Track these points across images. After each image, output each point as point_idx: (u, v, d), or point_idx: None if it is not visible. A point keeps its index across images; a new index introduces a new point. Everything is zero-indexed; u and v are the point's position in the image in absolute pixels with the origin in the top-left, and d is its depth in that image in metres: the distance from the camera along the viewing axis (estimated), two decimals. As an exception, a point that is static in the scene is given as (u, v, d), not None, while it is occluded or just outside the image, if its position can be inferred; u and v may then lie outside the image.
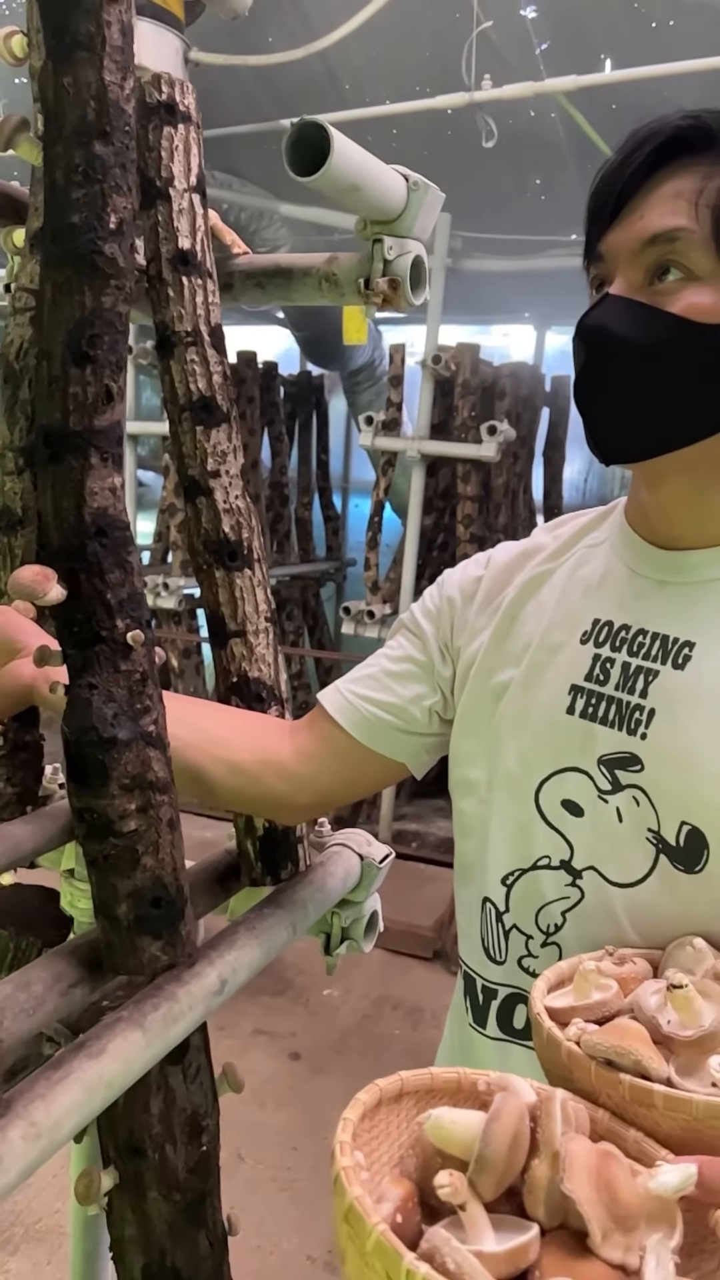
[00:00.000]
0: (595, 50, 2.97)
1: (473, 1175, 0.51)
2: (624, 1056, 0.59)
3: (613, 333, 0.70)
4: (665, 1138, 0.57)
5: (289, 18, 3.08)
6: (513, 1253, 0.49)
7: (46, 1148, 0.62)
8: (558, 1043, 0.62)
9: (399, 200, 0.91)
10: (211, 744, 0.87)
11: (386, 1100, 0.58)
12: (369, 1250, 0.46)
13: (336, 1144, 0.52)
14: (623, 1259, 0.49)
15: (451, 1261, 0.45)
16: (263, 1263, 1.80)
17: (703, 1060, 0.60)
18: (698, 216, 0.67)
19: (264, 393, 4.65)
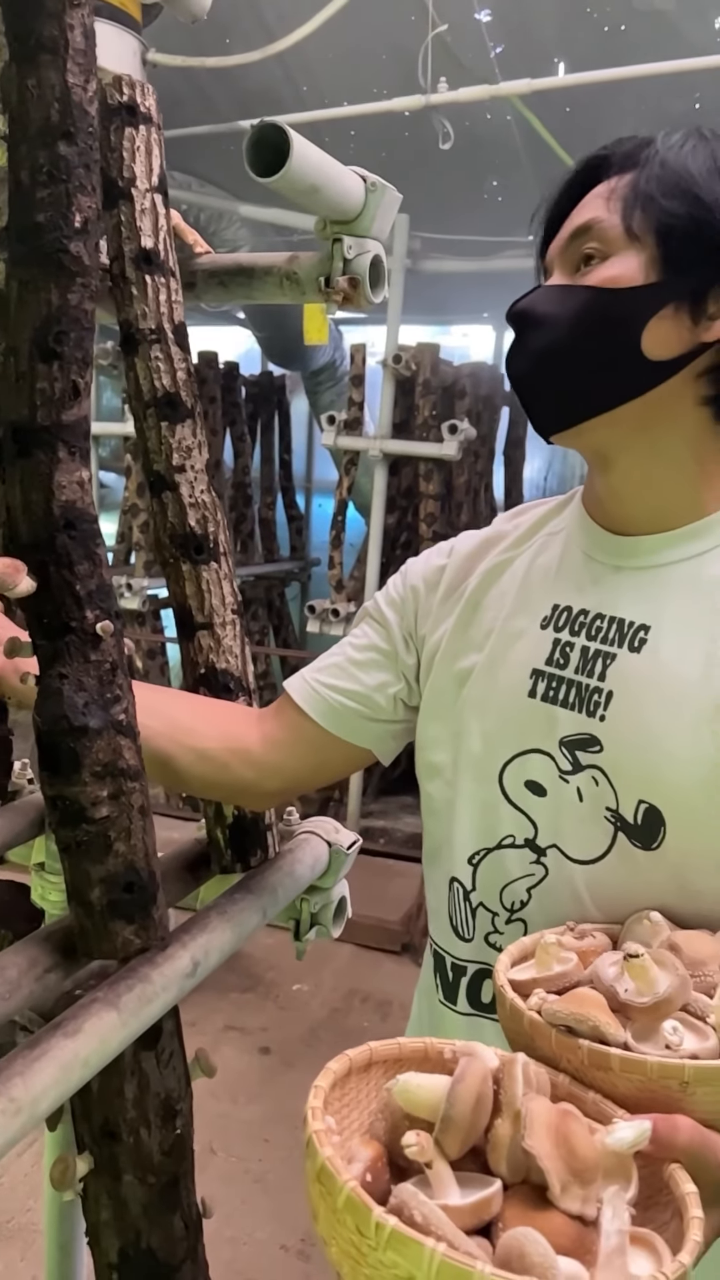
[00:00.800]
0: (548, 54, 3.02)
1: (438, 1135, 0.53)
2: (582, 1023, 0.61)
3: (537, 311, 0.77)
4: (622, 1099, 0.59)
5: (246, 20, 3.09)
6: (477, 1205, 0.51)
7: (26, 1123, 0.64)
8: (520, 1012, 0.64)
9: (357, 201, 0.93)
10: (180, 732, 0.89)
11: (356, 1069, 0.61)
12: (340, 1206, 0.48)
13: (308, 1109, 0.54)
14: (581, 1210, 0.52)
15: (419, 1214, 0.48)
16: (236, 1253, 1.82)
17: (657, 1025, 0.63)
18: (609, 208, 0.75)
19: (225, 393, 4.65)
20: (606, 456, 0.79)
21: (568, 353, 0.76)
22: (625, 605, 0.78)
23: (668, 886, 0.74)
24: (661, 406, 0.75)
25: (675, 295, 0.73)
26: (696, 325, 0.73)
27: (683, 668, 0.74)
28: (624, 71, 2.57)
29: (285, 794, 0.96)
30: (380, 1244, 0.46)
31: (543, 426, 0.79)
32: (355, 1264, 0.48)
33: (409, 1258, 0.45)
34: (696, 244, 0.72)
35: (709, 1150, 0.55)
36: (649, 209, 0.73)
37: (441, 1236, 0.46)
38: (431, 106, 2.72)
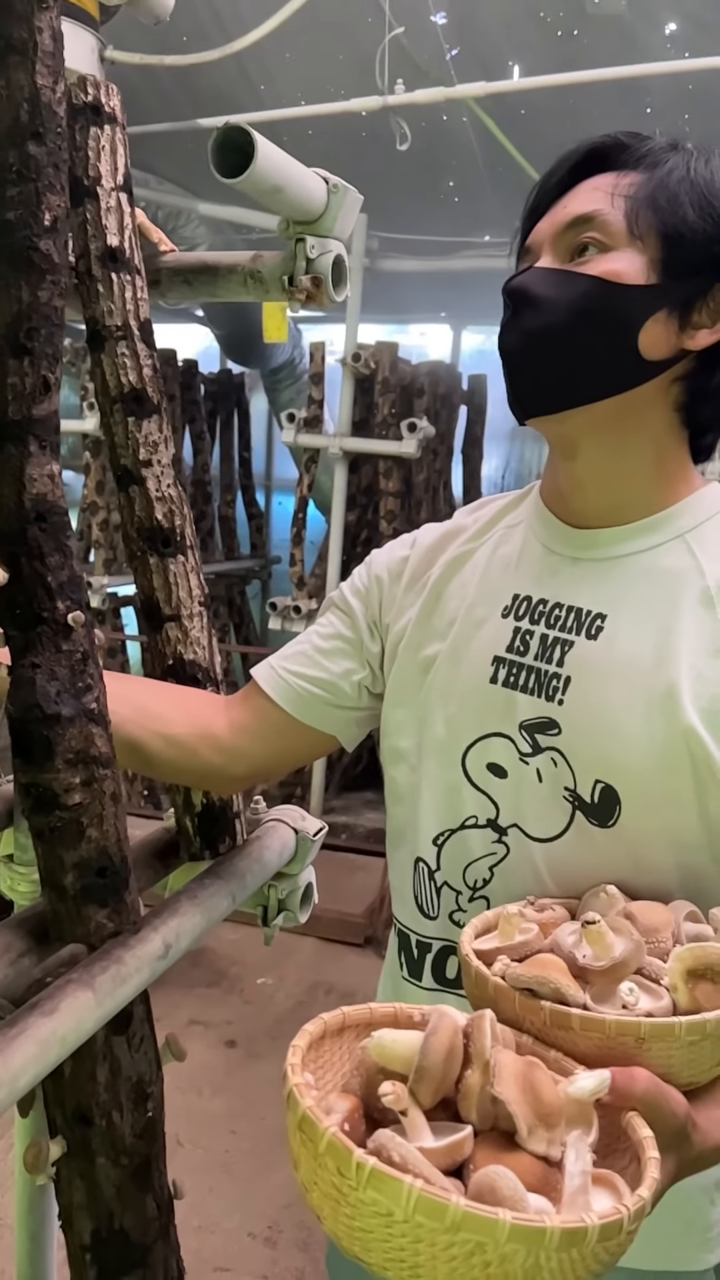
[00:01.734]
0: (503, 57, 3.06)
1: (413, 1085, 0.57)
2: (544, 985, 0.65)
3: (535, 292, 0.78)
4: (582, 1056, 0.63)
5: (204, 19, 3.10)
6: (450, 1147, 0.54)
7: (5, 1098, 0.65)
8: (485, 978, 0.67)
9: (319, 202, 0.95)
10: (149, 718, 0.90)
11: (330, 1033, 0.64)
12: (322, 1151, 0.51)
13: (287, 1066, 0.57)
14: (546, 1151, 0.55)
15: (397, 1154, 0.51)
16: (204, 1242, 1.83)
17: (614, 987, 0.66)
18: (613, 203, 0.77)
19: (184, 390, 4.64)
20: (575, 445, 0.81)
21: (564, 339, 0.77)
22: (583, 595, 0.81)
23: (623, 862, 0.77)
24: (639, 405, 0.78)
25: (669, 300, 0.76)
26: (682, 332, 0.76)
27: (637, 654, 0.77)
28: (578, 76, 2.62)
29: (252, 779, 0.98)
30: (361, 1183, 0.48)
31: (524, 407, 0.81)
32: (336, 1205, 0.51)
33: (388, 1194, 0.48)
34: (697, 255, 0.75)
35: (664, 1099, 0.59)
36: (662, 212, 0.75)
37: (419, 1174, 0.49)
38: (389, 108, 2.75)
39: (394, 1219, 0.48)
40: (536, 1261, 0.47)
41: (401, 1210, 0.47)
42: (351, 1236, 0.51)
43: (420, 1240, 0.48)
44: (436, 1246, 0.47)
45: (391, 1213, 0.48)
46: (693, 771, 0.75)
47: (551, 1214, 0.51)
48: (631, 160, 0.78)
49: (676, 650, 0.76)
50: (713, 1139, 0.62)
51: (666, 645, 0.76)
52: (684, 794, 0.75)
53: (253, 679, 0.94)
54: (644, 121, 3.49)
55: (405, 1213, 0.47)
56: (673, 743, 0.75)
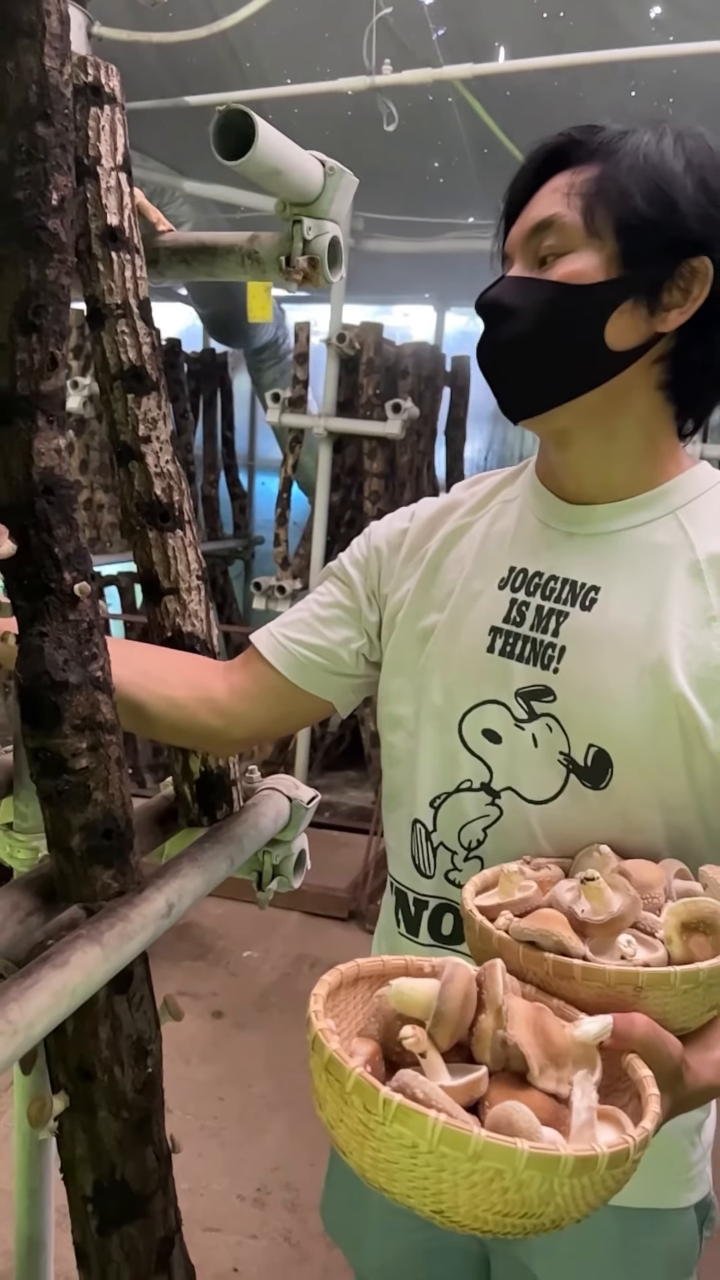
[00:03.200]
0: (490, 38, 3.07)
1: (431, 1029, 0.61)
2: (547, 938, 0.68)
3: (505, 303, 0.81)
4: (583, 1004, 0.67)
5: (189, -6, 3.08)
6: (468, 1085, 0.59)
7: (21, 1044, 0.68)
8: (489, 932, 0.71)
9: (316, 184, 0.97)
10: (150, 681, 0.93)
11: (346, 983, 0.68)
12: (349, 1090, 0.54)
13: (311, 1013, 0.61)
14: (556, 1089, 0.60)
15: (420, 1091, 0.55)
16: (194, 1204, 1.88)
17: (612, 940, 0.70)
18: (569, 204, 0.79)
19: (167, 369, 4.60)
20: (565, 437, 0.85)
21: (534, 345, 0.81)
22: (578, 568, 0.85)
23: (614, 822, 0.81)
24: (621, 392, 0.81)
25: (634, 290, 0.78)
26: (653, 316, 0.79)
27: (629, 625, 0.81)
28: (564, 59, 2.63)
29: (250, 741, 1.01)
30: (387, 1118, 0.52)
31: (511, 412, 0.85)
32: (362, 1140, 0.55)
33: (413, 1128, 0.52)
34: (655, 242, 0.77)
35: (661, 1043, 0.63)
36: (614, 206, 0.77)
37: (442, 1108, 0.53)
38: (376, 88, 2.75)
39: (419, 1150, 0.52)
40: (550, 1187, 0.52)
41: (426, 1142, 0.51)
42: (377, 1169, 0.55)
43: (443, 1170, 0.52)
44: (459, 1175, 0.52)
45: (416, 1145, 0.52)
46: (681, 736, 0.78)
47: (564, 1144, 0.55)
48: (587, 154, 0.80)
49: (667, 620, 0.79)
50: (704, 1079, 0.66)
51: (657, 616, 0.80)
52: (673, 757, 0.79)
53: (252, 645, 0.97)
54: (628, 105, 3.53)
55: (430, 1144, 0.51)
56: (663, 708, 0.78)
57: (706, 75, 2.83)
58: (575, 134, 0.81)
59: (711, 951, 0.69)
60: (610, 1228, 0.86)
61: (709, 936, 0.69)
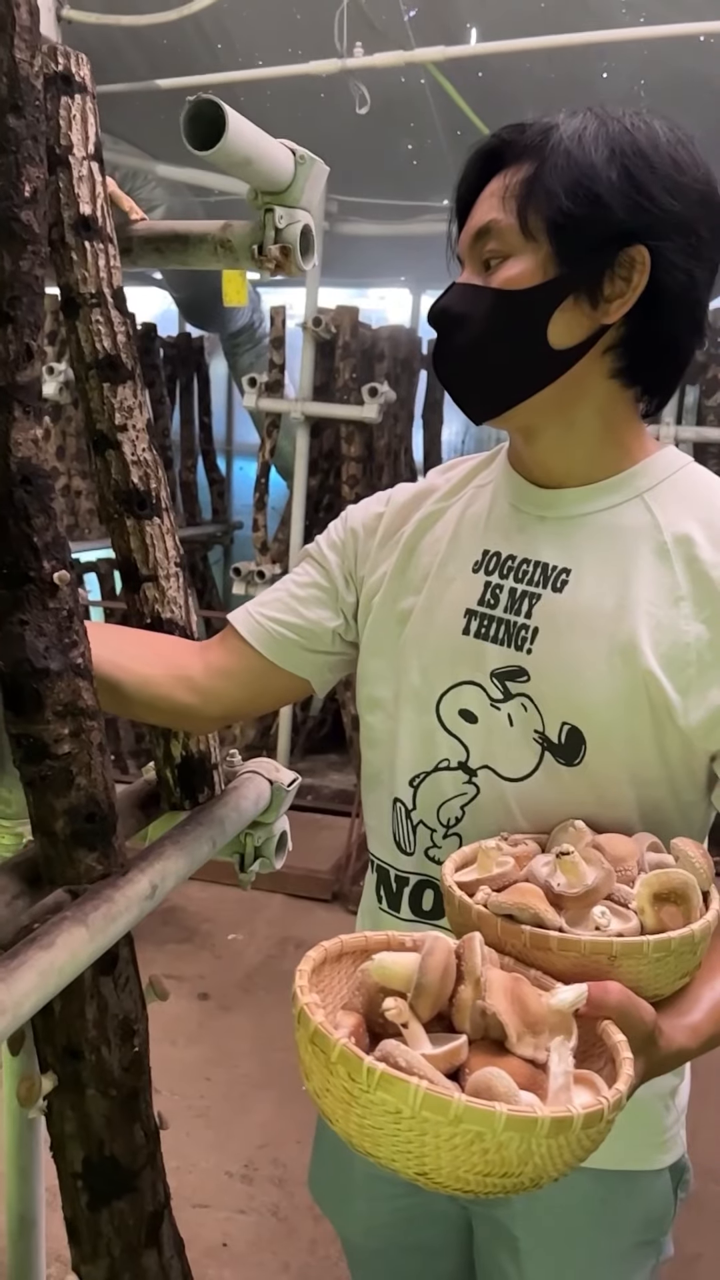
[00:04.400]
0: (461, 20, 3.06)
1: (413, 1000, 0.63)
2: (524, 911, 0.71)
3: (453, 313, 0.83)
4: (560, 974, 0.69)
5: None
6: (449, 1053, 0.61)
7: (9, 1024, 0.70)
8: (468, 906, 0.73)
9: (287, 173, 0.98)
10: (126, 659, 0.95)
11: (330, 958, 0.70)
12: (334, 1060, 0.57)
13: (296, 988, 0.63)
14: (533, 1055, 0.62)
15: (402, 1060, 0.57)
16: (182, 1180, 1.91)
17: (587, 912, 0.72)
18: (504, 208, 0.80)
19: (143, 355, 4.59)
20: (527, 432, 0.87)
21: (482, 352, 0.83)
22: (549, 551, 0.86)
23: (588, 798, 0.83)
24: (575, 385, 0.83)
25: (573, 286, 0.79)
26: (596, 309, 0.80)
27: (600, 605, 0.83)
28: (535, 42, 2.63)
29: (226, 719, 1.03)
30: (371, 1086, 0.55)
31: (472, 415, 0.87)
32: (347, 1107, 0.57)
33: (396, 1094, 0.54)
34: (586, 238, 0.78)
35: (634, 1009, 0.65)
36: (543, 207, 0.78)
37: (423, 1075, 0.56)
38: (347, 71, 2.74)
39: (402, 1116, 0.54)
40: (529, 1147, 0.54)
41: (409, 1108, 0.54)
42: (363, 1134, 0.57)
43: (426, 1133, 0.54)
44: (440, 1138, 0.54)
45: (399, 1110, 0.54)
46: (651, 713, 0.81)
47: (541, 1107, 0.57)
48: (519, 153, 0.80)
49: (636, 601, 0.81)
50: (676, 1043, 0.69)
51: (626, 596, 0.82)
52: (644, 734, 0.81)
53: (229, 623, 0.98)
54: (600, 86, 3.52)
55: (412, 1109, 0.54)
56: (633, 687, 0.80)
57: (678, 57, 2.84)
58: (505, 134, 0.82)
59: (683, 921, 0.71)
60: (587, 1190, 0.89)
61: (680, 906, 0.72)
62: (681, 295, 0.79)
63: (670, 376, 0.85)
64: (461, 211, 0.85)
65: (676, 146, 0.78)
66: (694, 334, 0.83)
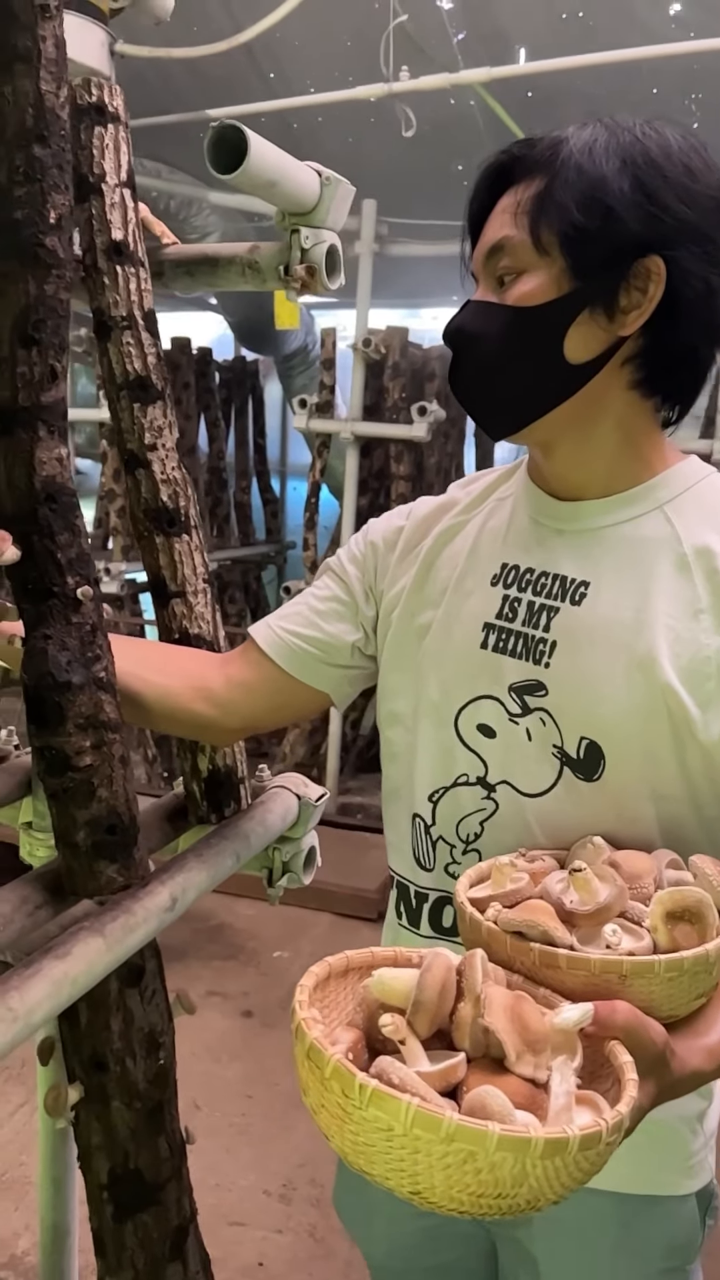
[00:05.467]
0: (509, 40, 3.08)
1: (410, 1017, 0.63)
2: (533, 928, 0.70)
3: (467, 331, 0.84)
4: (569, 993, 0.68)
5: (213, 9, 3.13)
6: (445, 1071, 0.60)
7: (21, 1031, 0.71)
8: (479, 923, 0.72)
9: (313, 194, 1.00)
10: (147, 670, 0.96)
11: (335, 974, 0.70)
12: (328, 1076, 0.56)
13: (295, 1002, 0.63)
14: (533, 1074, 0.61)
15: (396, 1077, 0.57)
16: (221, 1198, 1.91)
17: (599, 930, 0.71)
18: (517, 224, 0.80)
19: (199, 378, 4.69)
20: (545, 446, 0.87)
21: (498, 370, 0.83)
22: (568, 563, 0.86)
23: (607, 814, 0.82)
24: (594, 399, 0.82)
25: (588, 300, 0.79)
26: (612, 322, 0.79)
27: (618, 619, 0.82)
28: (581, 60, 2.64)
29: (245, 731, 1.03)
30: (364, 1103, 0.54)
31: (490, 433, 0.87)
32: (342, 1123, 0.57)
33: (388, 1112, 0.54)
34: (599, 251, 0.77)
35: (643, 1029, 0.64)
36: (555, 222, 0.77)
37: (416, 1093, 0.55)
38: (394, 95, 2.77)
39: (394, 1133, 0.54)
40: (523, 1168, 0.53)
41: (401, 1125, 0.53)
42: (356, 1151, 0.57)
43: (418, 1151, 0.54)
44: (433, 1156, 0.53)
45: (392, 1128, 0.54)
46: (671, 728, 0.79)
47: (537, 1126, 0.56)
48: (530, 168, 0.80)
49: (655, 613, 0.80)
50: (690, 1065, 0.67)
51: (646, 609, 0.81)
52: (663, 749, 0.80)
53: (250, 636, 0.99)
54: (651, 103, 3.52)
55: (404, 1127, 0.53)
56: (652, 701, 0.79)
57: (728, 71, 2.82)
58: (515, 150, 0.82)
59: (697, 940, 0.69)
60: (609, 1213, 0.87)
61: (695, 925, 0.70)
62: (699, 303, 0.78)
63: (690, 385, 0.84)
64: (474, 228, 0.85)
65: (689, 153, 0.77)
66: (714, 342, 0.82)
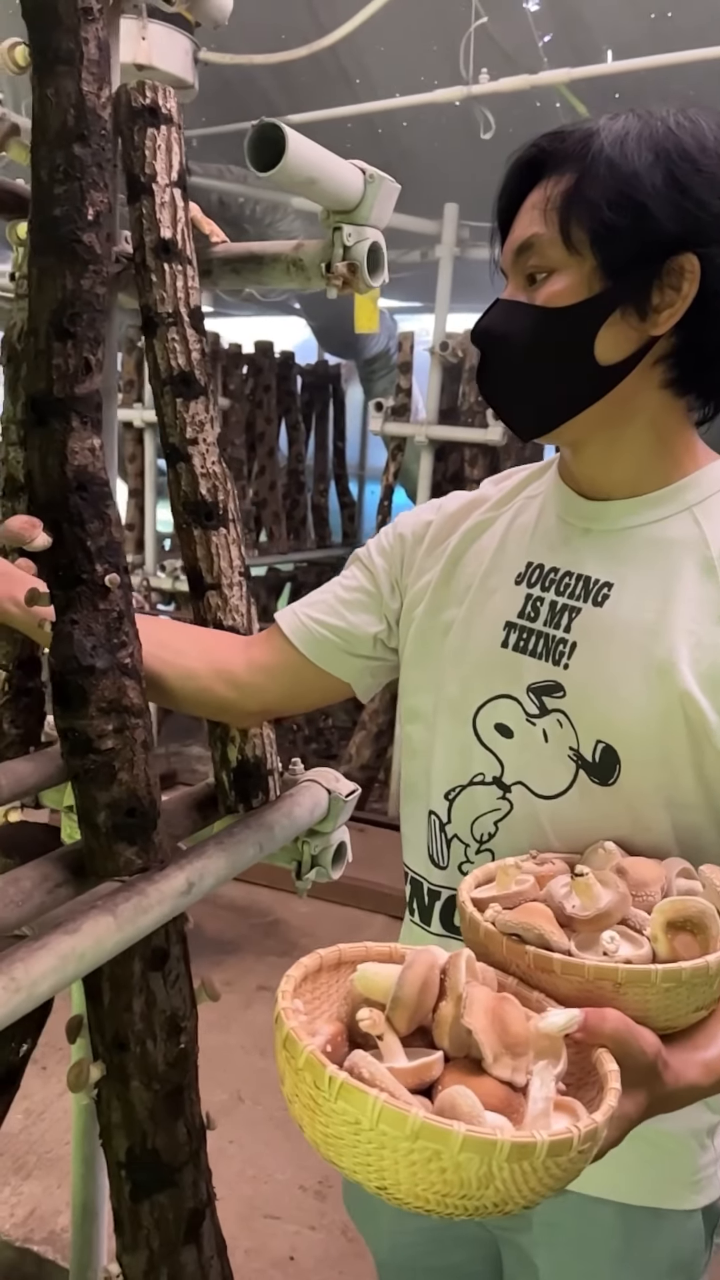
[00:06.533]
0: (597, 42, 3.04)
1: (389, 1012, 0.63)
2: (529, 931, 0.69)
3: (495, 331, 0.82)
4: (564, 998, 0.67)
5: (299, 16, 3.17)
6: (419, 1068, 0.60)
7: (24, 1001, 0.73)
8: (477, 923, 0.72)
9: (355, 192, 1.00)
10: (169, 652, 0.98)
11: (327, 967, 0.70)
12: (301, 1066, 0.57)
13: (279, 992, 0.63)
14: (511, 1077, 0.61)
15: (366, 1071, 0.57)
16: (257, 1190, 1.92)
17: (598, 936, 0.70)
18: (546, 221, 0.78)
19: (281, 382, 4.74)
20: (576, 445, 0.86)
21: (526, 372, 0.82)
22: (591, 564, 0.85)
23: (622, 819, 0.81)
24: (625, 399, 0.81)
25: (620, 300, 0.77)
26: (644, 321, 0.77)
27: (639, 622, 0.80)
28: (665, 59, 2.59)
29: (265, 715, 1.04)
30: (333, 1095, 0.55)
31: (519, 434, 0.86)
32: (313, 1115, 0.57)
33: (356, 1105, 0.54)
34: (631, 249, 0.75)
35: (633, 1038, 0.62)
36: (585, 220, 0.76)
37: (384, 1088, 0.55)
38: (473, 97, 2.76)
39: (361, 1127, 0.54)
40: (489, 1170, 0.53)
41: (368, 1120, 0.53)
42: (326, 1143, 0.57)
43: (384, 1147, 0.54)
44: (399, 1153, 0.53)
45: (359, 1121, 0.54)
46: (689, 734, 0.77)
47: (506, 1129, 0.55)
48: (560, 162, 0.78)
49: (677, 617, 0.79)
50: (685, 1079, 0.66)
51: (668, 613, 0.79)
52: (680, 755, 0.78)
53: (275, 622, 1.00)
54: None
55: (371, 1121, 0.53)
56: (669, 707, 0.77)
57: None
58: (544, 143, 0.80)
59: (699, 951, 0.68)
60: (611, 1223, 0.85)
61: (697, 936, 0.69)
62: None
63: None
64: (504, 224, 0.84)
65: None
66: None
